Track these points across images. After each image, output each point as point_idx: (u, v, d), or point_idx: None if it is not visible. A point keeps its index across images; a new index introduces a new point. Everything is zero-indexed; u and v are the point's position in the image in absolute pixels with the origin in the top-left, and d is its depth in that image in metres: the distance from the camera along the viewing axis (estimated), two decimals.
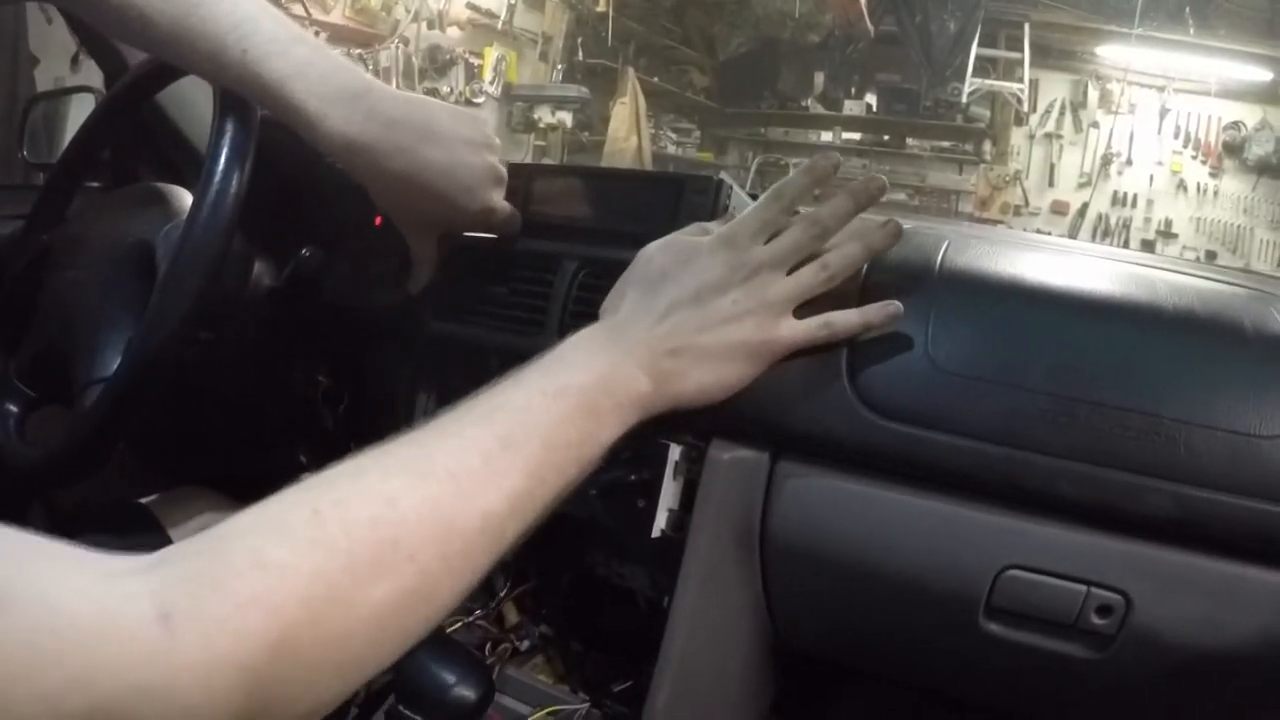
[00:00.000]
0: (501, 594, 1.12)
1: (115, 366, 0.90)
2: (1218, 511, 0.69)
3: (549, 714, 1.00)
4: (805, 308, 0.78)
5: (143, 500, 1.10)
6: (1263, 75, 7.45)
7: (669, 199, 0.88)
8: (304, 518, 0.52)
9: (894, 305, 0.77)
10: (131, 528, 1.05)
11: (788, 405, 0.80)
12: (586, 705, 1.00)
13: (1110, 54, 7.91)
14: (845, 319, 0.77)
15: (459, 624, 1.07)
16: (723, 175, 0.88)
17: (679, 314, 0.74)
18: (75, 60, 3.82)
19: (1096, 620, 0.74)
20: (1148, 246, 8.01)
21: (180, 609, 0.45)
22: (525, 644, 1.10)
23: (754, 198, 0.92)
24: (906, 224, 0.91)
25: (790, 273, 0.77)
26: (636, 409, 0.70)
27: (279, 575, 0.49)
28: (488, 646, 1.08)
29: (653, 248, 0.80)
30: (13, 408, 1.03)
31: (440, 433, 0.61)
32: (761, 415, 0.81)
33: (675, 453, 0.87)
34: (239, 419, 1.22)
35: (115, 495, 1.12)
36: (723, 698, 0.97)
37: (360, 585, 0.51)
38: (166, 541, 0.68)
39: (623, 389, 0.69)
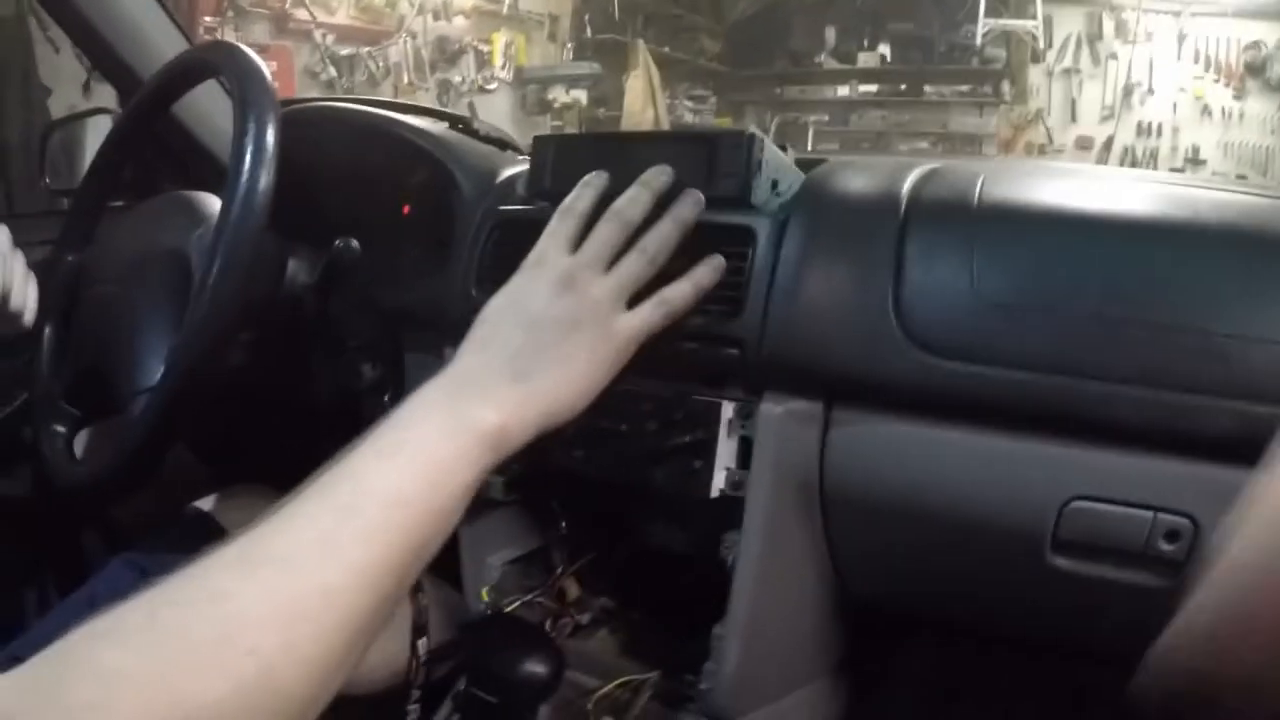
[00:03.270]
0: (559, 570, 1.12)
1: (159, 375, 0.90)
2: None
3: (619, 685, 0.99)
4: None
5: (200, 504, 1.10)
6: None
7: (704, 157, 0.86)
8: (140, 622, 0.51)
9: (718, 259, 0.79)
10: (191, 534, 1.05)
11: (837, 351, 0.79)
12: (656, 674, 0.99)
13: None
14: (677, 291, 0.78)
15: (518, 603, 1.08)
16: (754, 129, 0.86)
17: (514, 343, 0.72)
18: (87, 86, 3.84)
19: (1165, 546, 0.73)
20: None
21: (20, 714, 0.45)
22: (587, 617, 1.11)
23: (783, 150, 0.91)
24: (938, 163, 0.89)
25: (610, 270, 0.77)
26: (490, 446, 0.66)
27: (115, 681, 0.48)
28: (549, 622, 1.08)
29: (488, 303, 0.77)
30: (60, 429, 1.04)
31: (278, 515, 0.59)
32: (812, 363, 0.81)
33: (728, 410, 0.86)
34: (286, 415, 1.22)
35: (171, 503, 1.13)
36: (792, 655, 0.97)
37: (199, 684, 0.49)
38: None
39: (466, 431, 0.65)
